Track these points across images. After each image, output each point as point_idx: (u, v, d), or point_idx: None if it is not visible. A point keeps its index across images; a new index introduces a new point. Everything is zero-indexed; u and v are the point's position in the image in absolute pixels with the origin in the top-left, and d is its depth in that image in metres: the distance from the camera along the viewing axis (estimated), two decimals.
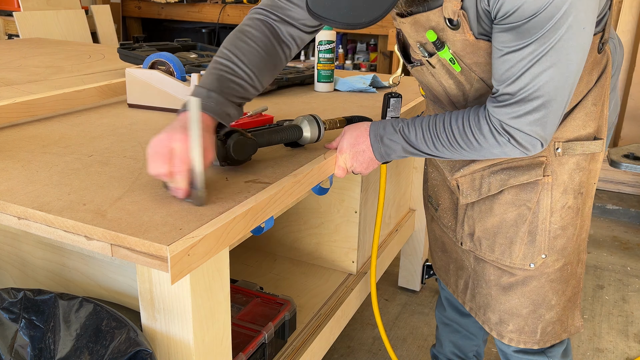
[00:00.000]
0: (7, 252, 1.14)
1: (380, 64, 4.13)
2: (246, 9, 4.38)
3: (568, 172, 1.13)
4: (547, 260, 1.18)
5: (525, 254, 1.18)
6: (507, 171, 1.15)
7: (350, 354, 1.97)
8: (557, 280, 1.21)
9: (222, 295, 0.92)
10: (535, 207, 1.15)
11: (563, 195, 1.14)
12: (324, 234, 1.75)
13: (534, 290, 1.21)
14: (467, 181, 1.21)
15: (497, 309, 1.26)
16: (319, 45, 1.75)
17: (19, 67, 2.09)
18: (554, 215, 1.15)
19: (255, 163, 1.09)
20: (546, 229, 1.16)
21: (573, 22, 0.87)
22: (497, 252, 1.21)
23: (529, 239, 1.17)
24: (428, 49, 1.08)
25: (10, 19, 3.61)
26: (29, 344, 0.91)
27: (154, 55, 1.50)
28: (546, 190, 1.14)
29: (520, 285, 1.21)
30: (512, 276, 1.21)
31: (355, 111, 1.56)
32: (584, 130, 1.12)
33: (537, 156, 1.12)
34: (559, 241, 1.17)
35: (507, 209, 1.17)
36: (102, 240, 0.80)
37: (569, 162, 1.13)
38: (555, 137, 1.10)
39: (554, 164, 1.13)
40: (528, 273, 1.20)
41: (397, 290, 2.37)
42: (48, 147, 1.15)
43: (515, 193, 1.16)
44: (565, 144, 1.11)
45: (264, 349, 1.25)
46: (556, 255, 1.18)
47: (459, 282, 1.36)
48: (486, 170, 1.17)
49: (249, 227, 0.91)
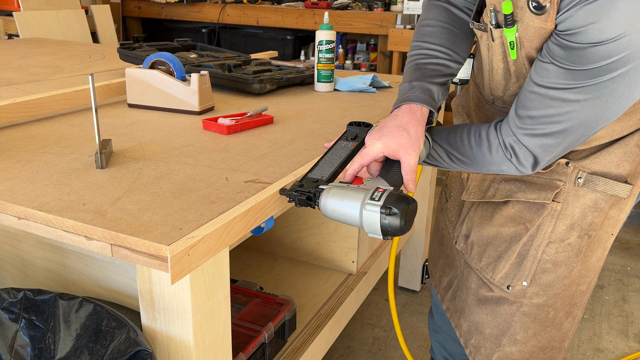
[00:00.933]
0: (7, 252, 1.14)
1: (380, 64, 4.13)
2: (246, 9, 4.39)
3: (581, 208, 1.03)
4: (526, 290, 1.09)
5: (507, 273, 1.11)
6: (519, 184, 1.08)
7: (350, 354, 1.97)
8: (530, 316, 1.11)
9: (222, 295, 0.92)
10: (534, 231, 1.07)
11: (567, 230, 1.05)
12: (324, 234, 1.75)
13: (503, 314, 1.13)
14: (478, 179, 1.15)
15: (468, 317, 1.21)
16: (319, 45, 1.75)
17: (19, 67, 2.09)
18: (549, 246, 1.06)
19: (256, 163, 1.09)
20: (537, 257, 1.07)
21: (632, 70, 0.79)
22: (483, 263, 1.15)
23: (516, 261, 1.09)
24: (498, 19, 0.94)
25: (10, 19, 3.61)
26: (29, 344, 0.91)
27: (154, 55, 1.50)
28: (551, 217, 1.05)
29: (492, 303, 1.15)
30: (489, 291, 1.15)
31: (355, 111, 1.56)
32: (616, 169, 1.01)
33: (555, 178, 1.03)
34: (546, 276, 1.08)
35: (506, 222, 1.10)
36: (102, 240, 0.80)
37: (585, 196, 1.03)
38: (581, 165, 1.01)
39: (569, 193, 1.03)
40: (503, 294, 1.12)
41: (397, 290, 2.37)
42: (48, 147, 1.15)
43: (519, 209, 1.08)
44: (589, 176, 1.01)
45: (264, 349, 1.25)
46: (537, 288, 1.09)
47: (443, 279, 1.32)
48: (499, 175, 1.10)
49: (249, 227, 0.91)
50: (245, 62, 1.94)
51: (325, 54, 1.76)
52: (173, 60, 1.48)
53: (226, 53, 2.11)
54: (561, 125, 0.88)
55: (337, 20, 4.02)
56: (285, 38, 4.45)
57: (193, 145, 1.20)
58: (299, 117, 1.46)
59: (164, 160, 1.09)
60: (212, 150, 1.16)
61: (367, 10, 4.15)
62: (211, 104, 1.51)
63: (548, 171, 1.05)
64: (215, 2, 4.56)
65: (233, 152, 1.16)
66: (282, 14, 4.25)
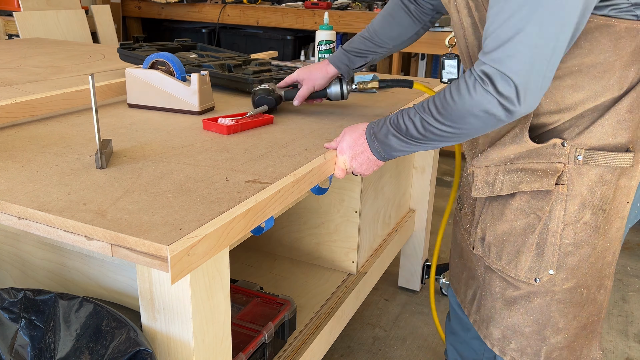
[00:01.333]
0: (7, 252, 1.14)
1: (380, 64, 4.13)
2: (246, 9, 4.39)
3: (588, 184, 1.03)
4: (554, 278, 1.09)
5: (531, 267, 1.09)
6: (521, 173, 1.07)
7: (350, 354, 1.97)
8: (565, 302, 1.11)
9: (222, 295, 0.92)
10: (547, 218, 1.06)
11: (579, 209, 1.04)
12: (324, 234, 1.75)
13: (538, 308, 1.12)
14: (482, 173, 1.13)
15: (500, 323, 1.18)
16: (319, 45, 1.75)
17: (19, 67, 2.09)
18: (566, 229, 1.05)
19: (256, 163, 1.09)
20: (556, 243, 1.06)
21: None
22: (504, 261, 1.13)
23: (537, 252, 1.08)
24: None
25: (10, 19, 3.61)
26: (29, 343, 0.91)
27: (154, 55, 1.50)
28: (559, 200, 1.04)
29: (524, 300, 1.13)
30: (517, 289, 1.13)
31: (355, 111, 1.56)
32: (613, 139, 1.00)
33: (555, 161, 1.03)
34: (571, 259, 1.07)
35: (517, 215, 1.10)
36: (102, 240, 0.80)
37: (589, 173, 1.02)
38: (577, 143, 1.01)
39: (572, 173, 1.03)
40: (532, 288, 1.11)
41: (397, 290, 2.37)
42: (48, 147, 1.15)
43: (527, 199, 1.08)
44: (587, 152, 1.01)
45: (264, 349, 1.25)
46: (565, 273, 1.08)
47: (468, 292, 1.29)
48: (502, 166, 1.10)
49: (249, 227, 0.91)
50: (245, 63, 1.94)
51: (325, 54, 1.76)
52: (173, 61, 1.48)
53: (226, 53, 2.11)
54: (513, 29, 0.87)
55: (337, 20, 4.02)
56: (285, 38, 4.45)
57: (193, 145, 1.20)
58: (299, 117, 1.46)
59: (164, 160, 1.09)
60: (212, 150, 1.16)
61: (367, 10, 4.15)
62: (211, 104, 1.52)
63: (545, 155, 1.04)
64: (215, 2, 4.56)
65: (233, 152, 1.16)
66: (282, 14, 4.25)
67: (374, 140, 1.10)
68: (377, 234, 1.88)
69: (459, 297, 1.34)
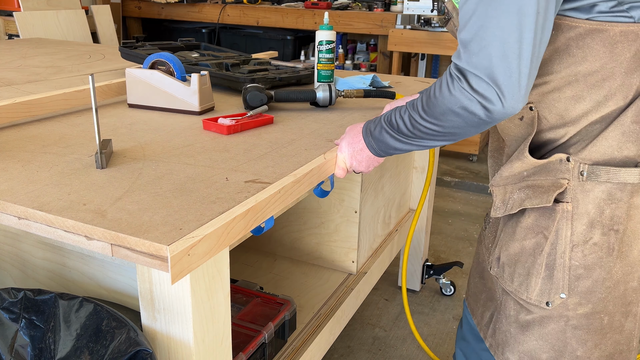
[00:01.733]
0: (7, 252, 1.14)
1: (380, 64, 4.13)
2: (246, 9, 4.39)
3: (594, 202, 0.97)
4: (567, 302, 1.02)
5: (542, 289, 1.03)
6: (527, 190, 1.03)
7: (350, 354, 1.97)
8: (582, 328, 1.03)
9: (222, 295, 0.92)
10: (554, 238, 1.01)
11: (588, 229, 0.98)
12: (324, 234, 1.75)
13: (553, 334, 1.05)
14: (500, 192, 1.09)
15: (516, 349, 1.11)
16: (319, 45, 1.75)
17: (19, 67, 2.09)
18: (574, 251, 1.00)
19: (256, 163, 1.09)
20: (565, 265, 1.00)
21: None
22: (516, 283, 1.08)
23: (547, 274, 1.02)
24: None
25: (10, 19, 3.61)
26: (29, 343, 0.91)
27: (154, 56, 1.50)
28: (565, 219, 0.99)
29: (537, 325, 1.07)
30: (529, 313, 1.07)
31: (354, 111, 1.56)
32: (619, 152, 0.95)
33: (559, 177, 0.99)
34: (583, 282, 1.00)
35: (527, 234, 1.05)
36: (102, 240, 0.80)
37: (594, 190, 0.97)
38: (581, 158, 0.97)
39: (577, 190, 0.98)
40: (545, 312, 1.04)
41: (397, 290, 2.37)
42: (48, 147, 1.15)
43: (535, 217, 1.04)
44: (591, 168, 0.96)
45: (264, 349, 1.25)
46: (578, 298, 1.01)
47: (485, 314, 1.23)
48: (516, 184, 1.06)
49: (249, 227, 0.91)
50: (244, 62, 1.94)
51: (325, 54, 1.76)
52: (173, 61, 1.48)
53: (228, 53, 2.11)
54: (474, 27, 0.87)
55: (337, 21, 4.02)
56: (285, 38, 4.45)
57: (193, 145, 1.20)
58: (299, 117, 1.46)
59: (164, 160, 1.09)
60: (212, 150, 1.16)
61: (367, 10, 4.15)
62: (211, 104, 1.52)
63: (547, 164, 1.01)
64: (216, 2, 4.57)
65: (233, 152, 1.16)
66: (282, 14, 4.25)
67: (370, 137, 1.10)
68: (377, 234, 1.88)
69: (476, 319, 1.28)
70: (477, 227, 3.03)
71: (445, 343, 2.05)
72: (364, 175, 1.66)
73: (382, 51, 4.06)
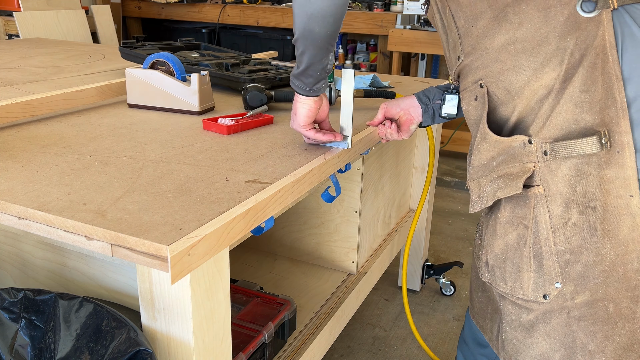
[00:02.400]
0: (7, 252, 1.14)
1: (380, 64, 4.13)
2: (246, 9, 4.39)
3: (564, 181, 0.93)
4: (563, 291, 0.97)
5: (536, 283, 0.99)
6: (499, 180, 1.00)
7: (350, 354, 1.97)
8: (586, 319, 0.97)
9: (222, 295, 0.92)
10: (534, 226, 0.97)
11: (565, 210, 0.94)
12: (324, 234, 1.75)
13: (559, 329, 1.00)
14: (475, 187, 1.07)
15: (527, 355, 1.05)
16: None
17: (19, 67, 2.09)
18: (557, 235, 0.95)
19: (256, 163, 1.09)
20: (552, 252, 0.96)
21: None
22: (510, 283, 1.03)
23: (537, 265, 0.98)
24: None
25: (10, 19, 3.61)
26: (29, 343, 0.91)
27: (154, 56, 1.50)
28: (540, 203, 0.95)
29: (541, 322, 1.01)
30: (530, 312, 1.02)
31: (354, 111, 1.56)
32: (576, 125, 0.91)
33: (525, 162, 0.96)
34: (573, 268, 0.95)
35: (507, 229, 1.02)
36: (102, 240, 0.80)
37: (561, 167, 0.93)
38: (542, 137, 0.94)
39: (544, 171, 0.94)
40: (545, 307, 0.99)
41: (397, 290, 2.37)
42: (48, 147, 1.15)
43: (511, 209, 1.00)
44: (552, 145, 0.92)
45: (264, 349, 1.25)
46: (573, 285, 0.96)
47: (494, 328, 1.16)
48: (488, 176, 1.03)
49: (249, 227, 0.91)
50: (244, 62, 1.94)
51: None
52: (173, 61, 1.48)
53: (228, 53, 2.11)
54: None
55: None
56: (285, 38, 4.45)
57: (193, 145, 1.20)
58: None
59: (164, 160, 1.09)
60: (212, 150, 1.16)
61: (367, 10, 4.15)
62: (211, 104, 1.52)
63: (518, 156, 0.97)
64: (216, 2, 4.57)
65: (233, 152, 1.16)
66: (282, 14, 4.25)
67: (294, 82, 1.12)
68: (377, 234, 1.88)
69: (487, 335, 1.21)
70: None
71: (445, 343, 2.05)
72: (364, 175, 1.66)
73: (382, 51, 4.06)
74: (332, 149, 1.20)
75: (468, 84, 1.05)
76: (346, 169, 1.28)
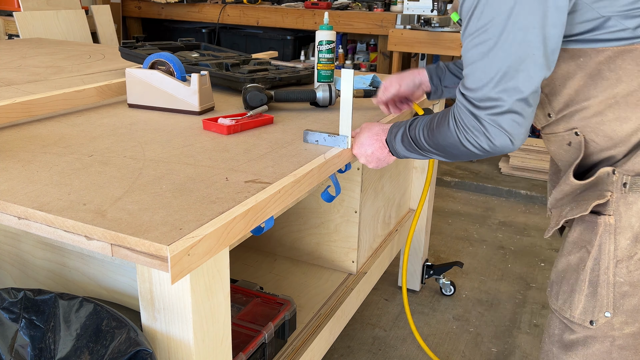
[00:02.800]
0: (7, 252, 1.14)
1: (380, 64, 4.13)
2: (246, 9, 4.39)
3: (638, 215, 0.95)
4: (612, 321, 0.99)
5: (585, 307, 1.00)
6: (572, 203, 1.02)
7: (350, 354, 1.97)
8: (630, 349, 1.00)
9: (222, 295, 0.92)
10: (597, 253, 0.98)
11: (632, 244, 0.96)
12: (324, 234, 1.75)
13: (599, 355, 1.01)
14: (556, 214, 1.08)
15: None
16: (319, 45, 1.75)
17: (19, 67, 2.09)
18: (619, 267, 0.97)
19: (256, 163, 1.09)
20: (609, 282, 0.98)
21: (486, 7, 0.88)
22: (560, 301, 1.05)
23: (590, 291, 0.99)
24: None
25: (10, 19, 3.61)
26: (29, 343, 0.91)
27: (154, 56, 1.50)
28: (608, 233, 0.97)
29: (581, 346, 1.03)
30: (573, 333, 1.04)
31: (354, 111, 1.56)
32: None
33: (603, 189, 0.97)
34: (628, 300, 0.97)
35: (572, 249, 1.03)
36: (102, 240, 0.80)
37: (638, 202, 0.94)
38: (625, 169, 0.95)
39: (619, 203, 0.95)
40: (589, 332, 1.01)
41: (397, 290, 2.37)
42: (48, 147, 1.15)
43: (579, 231, 1.02)
44: (634, 179, 0.94)
45: (264, 349, 1.25)
46: (624, 317, 0.98)
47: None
48: (569, 204, 1.05)
49: (249, 227, 0.91)
50: (244, 62, 1.94)
51: (325, 54, 1.76)
52: (173, 61, 1.48)
53: (228, 53, 2.11)
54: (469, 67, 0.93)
55: (337, 21, 4.02)
56: (285, 38, 4.45)
57: (193, 145, 1.20)
58: (299, 117, 1.46)
59: (164, 160, 1.09)
60: (212, 150, 1.16)
61: (367, 10, 4.15)
62: (211, 104, 1.52)
63: (595, 181, 0.99)
64: (216, 2, 4.56)
65: (233, 152, 1.16)
66: (282, 14, 4.25)
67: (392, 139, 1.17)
68: (377, 234, 1.88)
69: None
70: (477, 227, 3.03)
71: (445, 343, 2.05)
72: (364, 175, 1.66)
73: (382, 51, 4.06)
74: (332, 149, 1.20)
75: (559, 130, 1.05)
76: (346, 169, 1.28)
